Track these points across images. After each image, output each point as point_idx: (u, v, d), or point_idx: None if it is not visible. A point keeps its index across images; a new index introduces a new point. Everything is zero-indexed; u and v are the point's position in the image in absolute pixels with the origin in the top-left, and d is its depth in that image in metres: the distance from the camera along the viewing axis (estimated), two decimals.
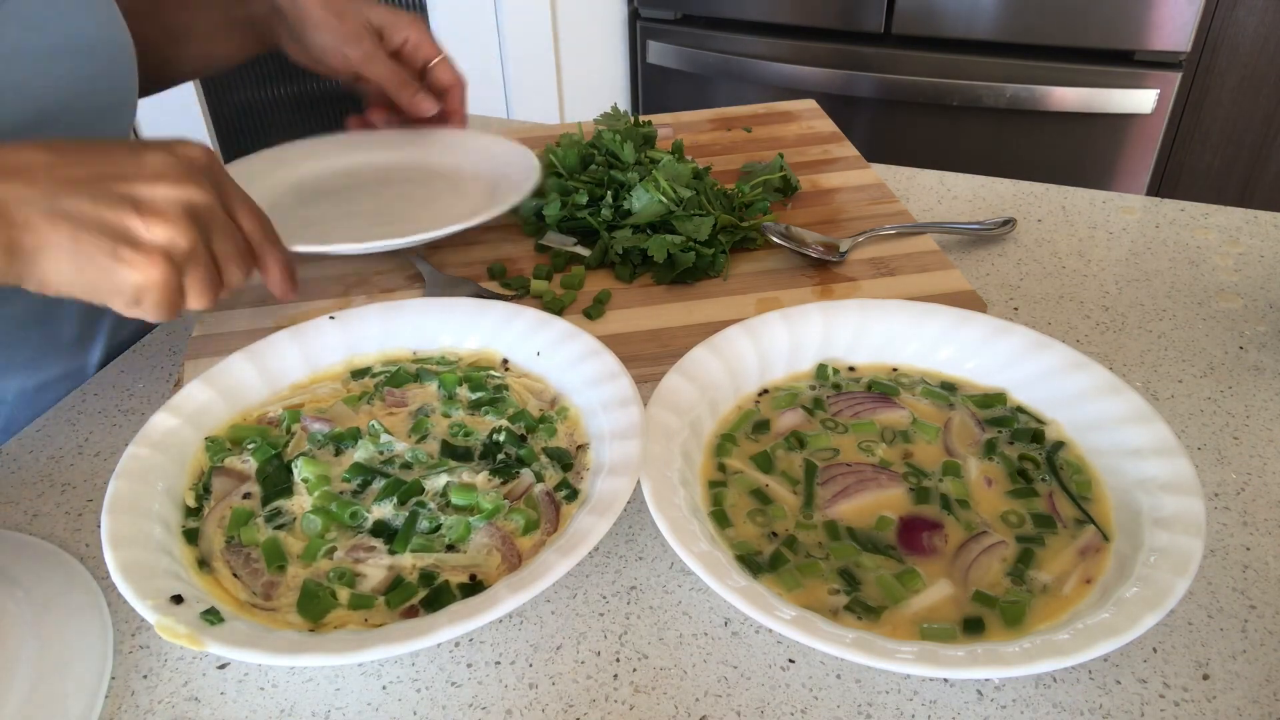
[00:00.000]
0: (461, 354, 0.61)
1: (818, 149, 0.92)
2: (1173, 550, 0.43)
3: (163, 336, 0.72)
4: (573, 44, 2.06)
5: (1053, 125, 1.74)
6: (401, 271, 0.74)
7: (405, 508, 0.49)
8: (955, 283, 0.69)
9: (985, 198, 0.87)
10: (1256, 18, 1.63)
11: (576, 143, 0.81)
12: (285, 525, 0.49)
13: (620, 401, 0.52)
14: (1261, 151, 1.74)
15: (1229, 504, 0.53)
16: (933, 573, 0.46)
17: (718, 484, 0.51)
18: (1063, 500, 0.49)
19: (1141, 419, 0.51)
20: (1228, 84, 1.70)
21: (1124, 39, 1.64)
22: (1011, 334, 0.58)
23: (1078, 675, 0.44)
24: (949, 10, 1.72)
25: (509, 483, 0.51)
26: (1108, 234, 0.80)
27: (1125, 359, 0.65)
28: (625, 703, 0.44)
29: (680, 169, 0.76)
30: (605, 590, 0.49)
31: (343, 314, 0.61)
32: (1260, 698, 0.43)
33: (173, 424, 0.52)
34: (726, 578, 0.43)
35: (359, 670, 0.46)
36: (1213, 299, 0.71)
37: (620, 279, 0.72)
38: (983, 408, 0.56)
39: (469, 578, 0.46)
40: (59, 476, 0.58)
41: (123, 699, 0.45)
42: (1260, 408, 0.60)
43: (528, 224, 0.79)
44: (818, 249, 0.72)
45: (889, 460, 0.52)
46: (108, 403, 0.65)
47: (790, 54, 1.87)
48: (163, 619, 0.41)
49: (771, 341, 0.59)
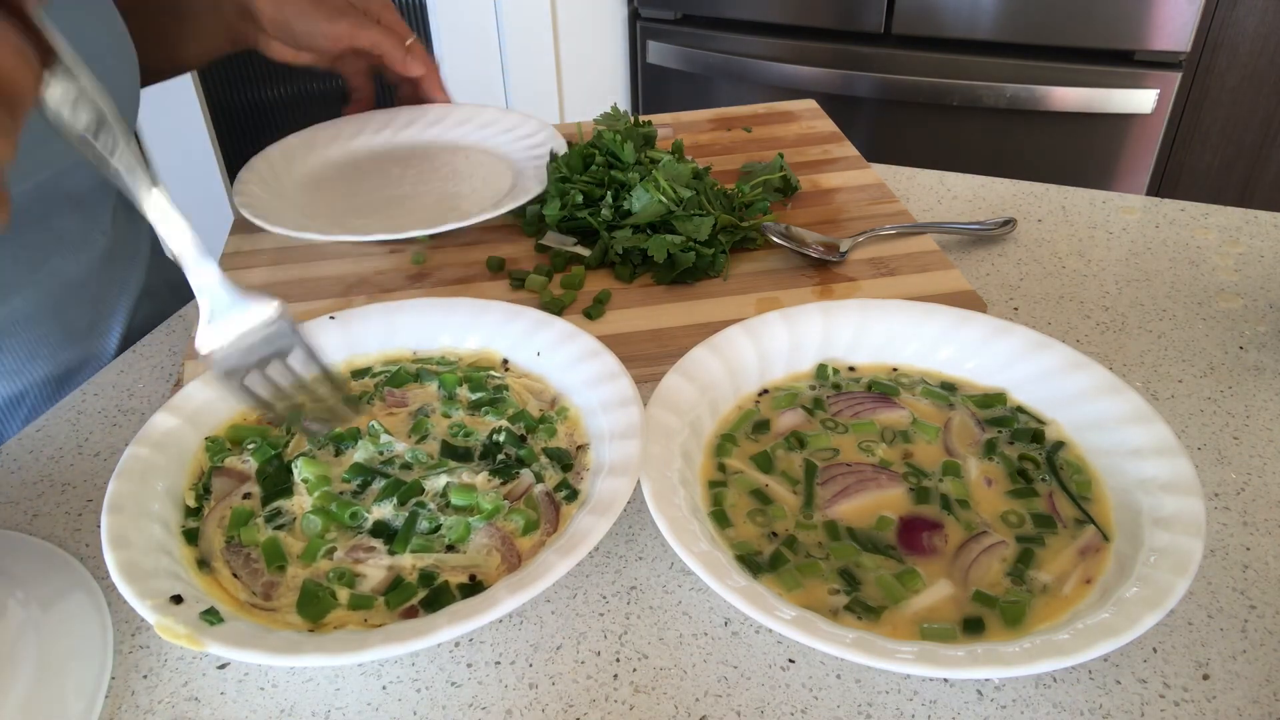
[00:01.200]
0: (461, 354, 0.61)
1: (818, 149, 0.92)
2: (1173, 550, 0.43)
3: (163, 336, 0.72)
4: (573, 44, 2.06)
5: (1053, 125, 1.74)
6: (401, 271, 0.74)
7: (405, 508, 0.49)
8: (955, 283, 0.69)
9: (985, 198, 0.87)
10: (1256, 18, 1.63)
11: (580, 154, 0.81)
12: (285, 525, 0.49)
13: (620, 401, 0.52)
14: (1261, 151, 1.74)
15: (1229, 504, 0.53)
16: (933, 573, 0.46)
17: (718, 484, 0.51)
18: (1063, 500, 0.49)
19: (1141, 419, 0.51)
20: (1228, 84, 1.70)
21: (1124, 39, 1.64)
22: (1011, 334, 0.58)
23: (1078, 675, 0.44)
24: (949, 10, 1.72)
25: (509, 483, 0.51)
26: (1108, 234, 0.80)
27: (1125, 359, 0.65)
28: (625, 703, 0.44)
29: (680, 169, 0.76)
30: (605, 590, 0.49)
31: (343, 314, 0.61)
32: (1260, 698, 0.43)
33: (173, 424, 0.52)
34: (726, 578, 0.43)
35: (359, 670, 0.46)
36: (1213, 299, 0.71)
37: (620, 279, 0.72)
38: (983, 408, 0.56)
39: (469, 578, 0.46)
40: (59, 476, 0.58)
41: (123, 699, 0.45)
42: (1260, 408, 0.60)
43: (528, 224, 0.79)
44: (818, 249, 0.72)
45: (889, 460, 0.52)
46: (108, 403, 0.65)
47: (790, 54, 1.87)
48: (162, 619, 0.41)
49: (771, 341, 0.59)
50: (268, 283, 0.73)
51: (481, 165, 0.88)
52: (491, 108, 0.94)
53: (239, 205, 0.78)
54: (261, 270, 0.75)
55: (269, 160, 0.86)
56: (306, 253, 0.77)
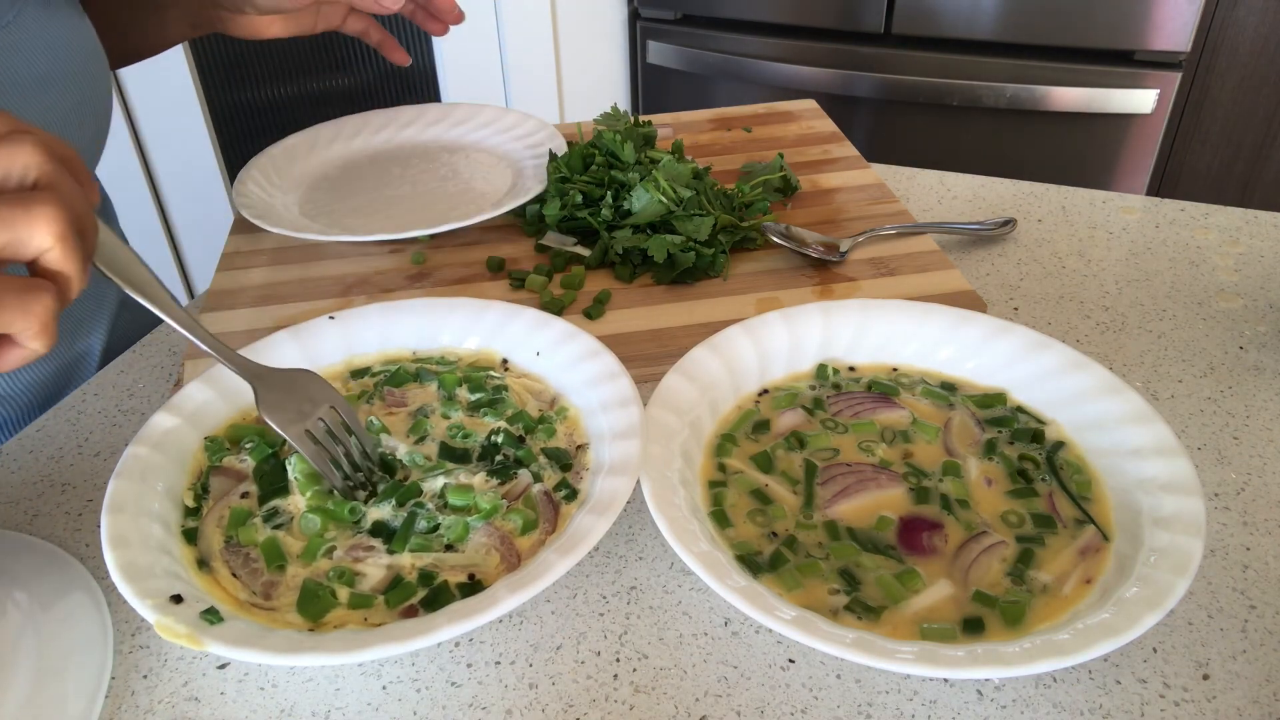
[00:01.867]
0: (461, 354, 0.61)
1: (818, 149, 0.92)
2: (1173, 550, 0.43)
3: (163, 336, 0.72)
4: (573, 44, 2.05)
5: (1053, 125, 1.74)
6: (401, 271, 0.74)
7: (404, 509, 0.49)
8: (955, 283, 0.69)
9: (985, 198, 0.87)
10: (1256, 18, 1.63)
11: (580, 154, 0.81)
12: (283, 525, 0.49)
13: (620, 401, 0.52)
14: (1261, 151, 1.74)
15: (1229, 504, 0.53)
16: (933, 573, 0.46)
17: (718, 484, 0.51)
18: (1063, 500, 0.49)
19: (1141, 419, 0.51)
20: (1228, 84, 1.70)
21: (1124, 39, 1.64)
22: (1011, 334, 0.58)
23: (1078, 675, 0.44)
24: (949, 10, 1.72)
25: (506, 483, 0.51)
26: (1108, 234, 0.80)
27: (1125, 359, 0.65)
28: (625, 703, 0.44)
29: (680, 169, 0.76)
30: (605, 590, 0.49)
31: (343, 314, 0.61)
32: (1260, 698, 0.43)
33: (173, 424, 0.52)
34: (726, 578, 0.43)
35: (359, 670, 0.46)
36: (1213, 299, 0.71)
37: (620, 279, 0.72)
38: (983, 408, 0.56)
39: (468, 577, 0.46)
40: (59, 476, 0.58)
41: (123, 699, 0.45)
42: (1260, 408, 0.60)
43: (528, 224, 0.79)
44: (818, 249, 0.72)
45: (889, 460, 0.52)
46: (108, 403, 0.65)
47: (790, 54, 1.87)
48: (162, 619, 0.41)
49: (771, 341, 0.59)
50: (268, 282, 0.73)
51: (481, 165, 0.88)
52: (491, 107, 0.94)
53: (239, 205, 0.78)
54: (261, 270, 0.75)
55: (269, 160, 0.86)
56: (306, 253, 0.77)
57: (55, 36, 0.62)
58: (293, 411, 0.51)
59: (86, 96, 0.65)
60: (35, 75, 0.60)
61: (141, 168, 1.82)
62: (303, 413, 0.51)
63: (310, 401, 0.51)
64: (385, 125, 0.93)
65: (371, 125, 0.92)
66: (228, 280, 0.74)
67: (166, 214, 1.90)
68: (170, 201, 1.89)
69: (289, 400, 0.51)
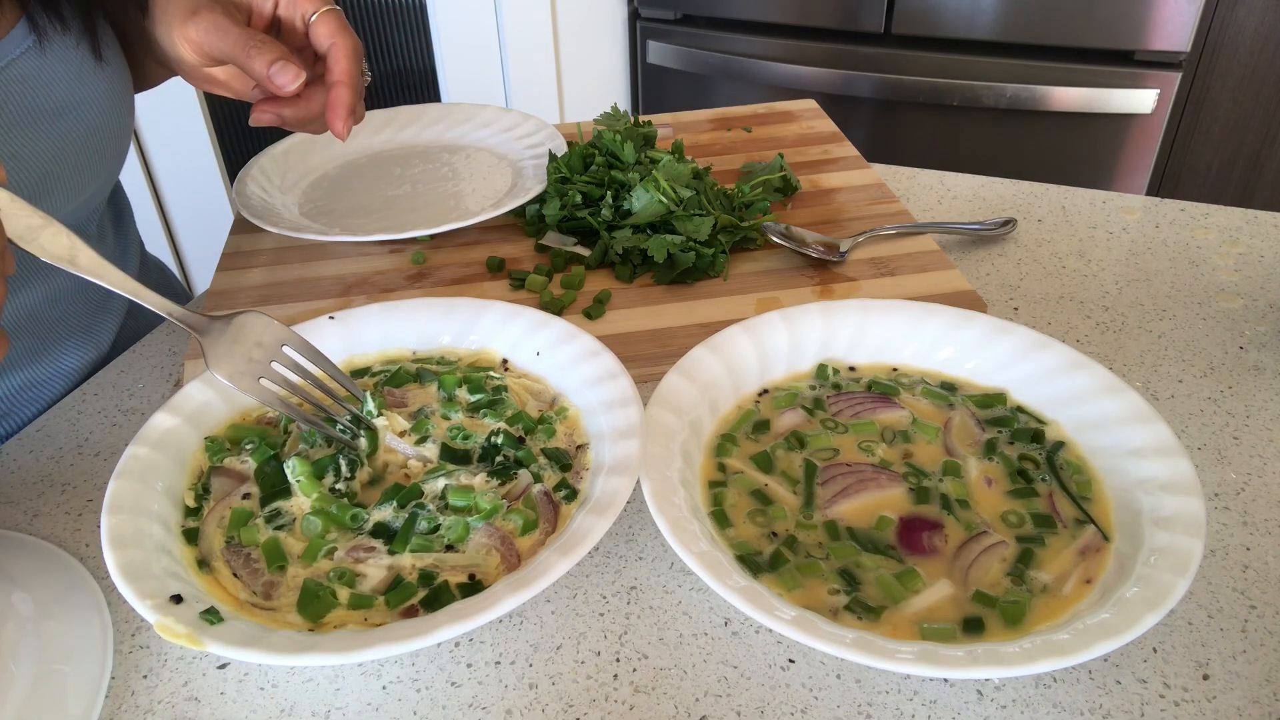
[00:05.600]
0: (461, 354, 0.61)
1: (818, 149, 0.92)
2: (1173, 550, 0.43)
3: (163, 336, 0.72)
4: (573, 44, 2.05)
5: (1053, 125, 1.74)
6: (401, 271, 0.74)
7: (405, 510, 0.49)
8: (955, 283, 0.69)
9: (985, 198, 0.87)
10: (1256, 18, 1.63)
11: (580, 154, 0.81)
12: (285, 526, 0.49)
13: (620, 401, 0.52)
14: (1261, 151, 1.74)
15: (1229, 504, 0.53)
16: (933, 573, 0.46)
17: (718, 484, 0.51)
18: (1063, 500, 0.49)
19: (1141, 419, 0.51)
20: (1228, 84, 1.70)
21: (1124, 39, 1.64)
22: (1011, 334, 0.58)
23: (1078, 675, 0.44)
24: (949, 10, 1.72)
25: (507, 483, 0.51)
26: (1108, 234, 0.80)
27: (1125, 359, 0.65)
28: (625, 703, 0.44)
29: (680, 169, 0.76)
30: (605, 590, 0.49)
31: (342, 314, 0.61)
32: (1260, 698, 0.43)
33: (173, 424, 0.52)
34: (726, 578, 0.43)
35: (359, 670, 0.46)
36: (1213, 299, 0.71)
37: (620, 279, 0.72)
38: (983, 408, 0.56)
39: (468, 577, 0.46)
40: (59, 476, 0.58)
41: (123, 699, 0.45)
42: (1260, 408, 0.60)
43: (528, 224, 0.79)
44: (818, 249, 0.72)
45: (889, 460, 0.52)
46: (108, 403, 0.65)
47: (790, 54, 1.87)
48: (162, 619, 0.41)
49: (771, 341, 0.59)
50: (268, 282, 0.73)
51: (481, 165, 0.88)
52: (491, 107, 0.94)
53: (239, 205, 0.78)
54: (261, 270, 0.75)
55: (269, 160, 0.86)
56: (306, 253, 0.77)
57: (71, 63, 0.62)
58: (241, 361, 0.48)
59: (105, 123, 0.65)
60: (54, 104, 0.61)
61: (142, 168, 1.82)
62: (253, 360, 0.48)
63: (259, 346, 0.48)
64: (385, 125, 0.93)
65: (371, 125, 0.92)
66: (228, 280, 0.74)
67: (166, 214, 1.90)
68: (170, 201, 1.89)
69: (236, 349, 0.48)
